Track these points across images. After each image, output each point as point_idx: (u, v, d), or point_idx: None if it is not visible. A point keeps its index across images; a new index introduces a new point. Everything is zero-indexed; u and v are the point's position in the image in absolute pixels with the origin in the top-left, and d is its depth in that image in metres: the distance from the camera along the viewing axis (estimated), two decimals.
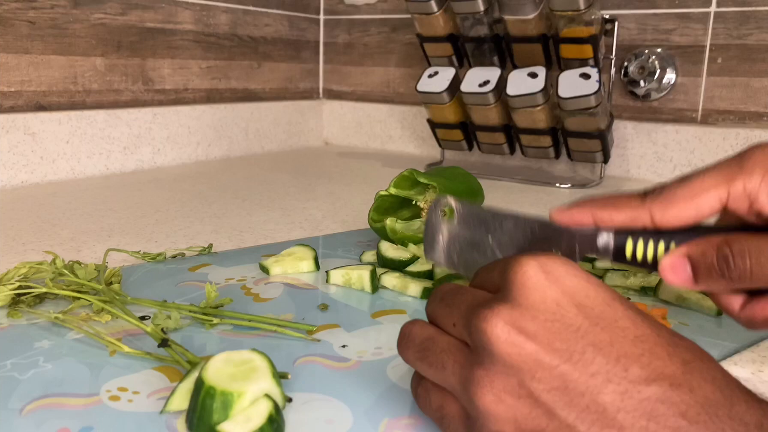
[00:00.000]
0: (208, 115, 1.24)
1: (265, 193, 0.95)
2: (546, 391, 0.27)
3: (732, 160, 0.34)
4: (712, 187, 0.33)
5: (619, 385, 0.26)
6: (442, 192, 0.65)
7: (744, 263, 0.32)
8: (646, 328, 0.28)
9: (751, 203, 0.33)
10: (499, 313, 0.28)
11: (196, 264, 0.60)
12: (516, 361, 0.27)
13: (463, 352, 0.30)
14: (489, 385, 0.28)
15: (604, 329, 0.27)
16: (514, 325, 0.28)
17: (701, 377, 0.26)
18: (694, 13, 1.09)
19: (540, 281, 0.29)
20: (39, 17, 0.97)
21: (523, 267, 0.29)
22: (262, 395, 0.33)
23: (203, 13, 1.22)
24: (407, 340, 0.33)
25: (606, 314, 0.28)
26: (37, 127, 0.97)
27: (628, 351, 0.27)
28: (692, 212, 0.34)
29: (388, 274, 0.56)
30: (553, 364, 0.27)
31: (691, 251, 0.33)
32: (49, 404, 0.35)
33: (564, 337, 0.27)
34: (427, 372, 0.31)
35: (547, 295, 0.28)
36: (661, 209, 0.34)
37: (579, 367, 0.27)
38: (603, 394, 0.26)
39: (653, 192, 0.35)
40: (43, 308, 0.48)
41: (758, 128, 1.06)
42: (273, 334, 0.45)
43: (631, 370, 0.26)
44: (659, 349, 0.27)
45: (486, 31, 1.10)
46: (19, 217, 0.77)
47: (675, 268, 0.34)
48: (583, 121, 1.03)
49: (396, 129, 1.44)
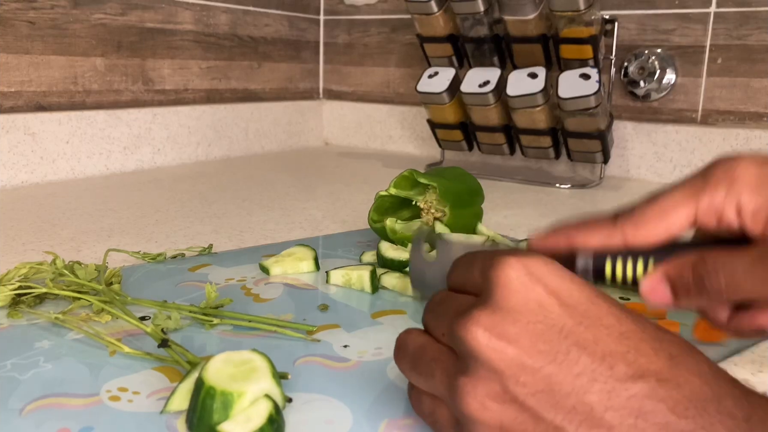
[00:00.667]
0: (208, 115, 1.24)
1: (265, 193, 0.95)
2: (531, 395, 0.27)
3: (696, 177, 0.34)
4: (679, 204, 0.33)
5: (605, 383, 0.26)
6: (443, 193, 0.65)
7: (718, 281, 0.32)
8: (631, 324, 0.28)
9: (719, 218, 0.33)
10: (478, 319, 0.28)
11: (196, 264, 0.60)
12: (498, 366, 0.27)
13: (450, 359, 0.30)
14: (473, 392, 0.28)
15: (588, 328, 0.27)
16: (494, 331, 0.28)
17: (688, 371, 0.26)
18: (694, 14, 1.09)
19: (523, 282, 0.29)
20: (39, 17, 0.97)
21: (505, 268, 0.29)
22: (262, 395, 0.33)
23: (203, 13, 1.22)
24: (401, 350, 0.33)
25: (590, 312, 0.28)
26: (37, 127, 0.97)
27: (613, 349, 0.27)
28: (663, 230, 0.34)
29: (388, 275, 0.56)
30: (537, 366, 0.27)
31: (669, 272, 0.34)
32: (49, 404, 0.35)
33: (547, 338, 0.27)
34: (418, 381, 0.32)
35: (530, 296, 0.28)
36: (633, 229, 0.34)
37: (564, 368, 0.26)
38: (589, 394, 0.26)
39: (624, 212, 0.35)
40: (43, 308, 0.48)
41: (758, 128, 1.06)
42: (273, 335, 0.45)
43: (616, 368, 0.26)
44: (644, 345, 0.27)
45: (486, 31, 1.10)
46: (19, 217, 0.77)
47: (655, 291, 0.34)
48: (583, 121, 1.04)
49: (396, 129, 1.44)
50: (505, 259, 0.29)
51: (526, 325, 0.28)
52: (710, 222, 0.33)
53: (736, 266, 0.31)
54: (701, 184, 0.33)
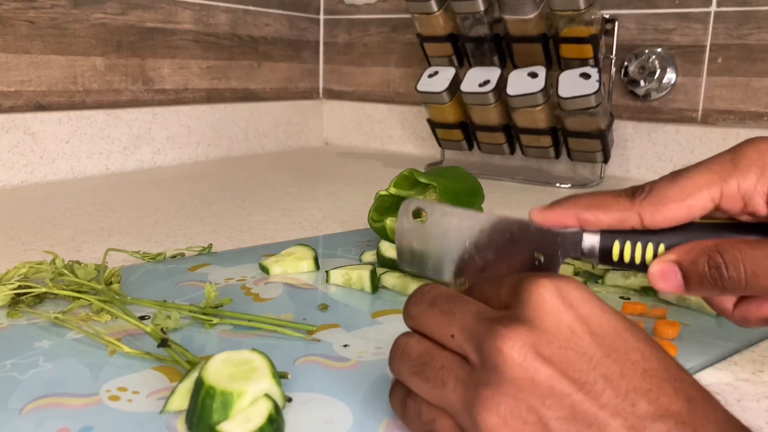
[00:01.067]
0: (208, 115, 1.24)
1: (265, 193, 0.95)
2: (555, 419, 0.26)
3: (725, 158, 0.33)
4: (704, 186, 0.32)
5: (626, 419, 0.26)
6: (443, 193, 0.65)
7: (738, 274, 0.31)
8: (655, 361, 0.27)
9: (746, 204, 0.32)
10: (517, 333, 0.27)
11: (196, 264, 0.60)
12: (528, 385, 0.27)
13: (464, 368, 0.29)
14: (495, 407, 0.27)
15: (616, 361, 0.27)
16: (531, 349, 0.27)
17: (705, 417, 0.26)
18: (694, 13, 1.09)
19: (556, 305, 0.28)
20: (39, 17, 0.97)
21: (539, 288, 0.28)
22: (261, 395, 0.33)
23: (203, 12, 1.22)
24: (402, 354, 0.32)
25: (618, 345, 0.28)
26: (37, 127, 0.97)
27: (637, 385, 0.26)
28: (683, 213, 0.32)
29: (388, 274, 0.56)
30: (566, 392, 0.26)
31: (682, 258, 0.32)
32: (49, 404, 0.35)
33: (577, 366, 0.27)
34: (423, 388, 0.30)
35: (563, 320, 0.28)
36: (651, 211, 0.33)
37: (589, 398, 0.26)
38: (610, 428, 0.26)
39: (642, 191, 0.33)
40: (43, 308, 0.48)
41: (758, 128, 1.06)
42: (273, 334, 0.45)
43: (638, 405, 0.26)
44: (666, 385, 0.27)
45: (486, 30, 1.10)
46: (19, 217, 0.77)
47: (665, 275, 0.33)
48: (583, 121, 1.03)
49: (396, 129, 1.44)
50: (539, 279, 0.29)
51: (558, 349, 0.27)
52: (735, 207, 0.32)
53: (759, 260, 0.30)
54: (731, 167, 0.32)
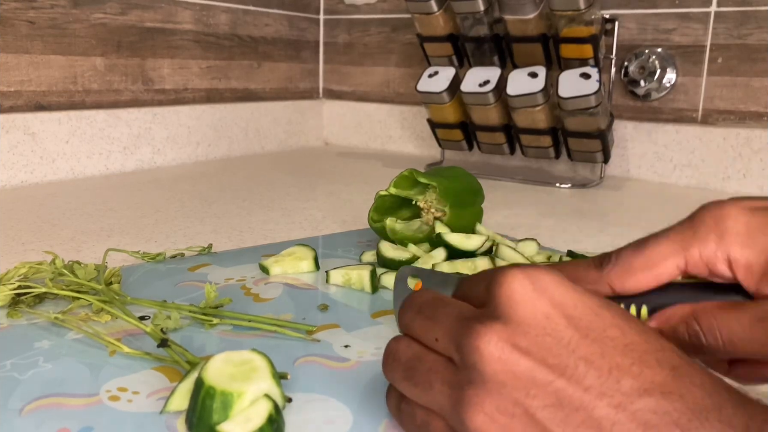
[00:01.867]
0: (208, 115, 1.24)
1: (265, 193, 0.95)
2: (541, 408, 0.26)
3: (685, 226, 0.33)
4: (668, 256, 0.33)
5: (612, 398, 0.26)
6: (443, 193, 0.65)
7: (716, 341, 0.31)
8: (635, 335, 0.28)
9: (710, 270, 0.32)
10: (492, 328, 0.28)
11: (196, 264, 0.60)
12: (509, 378, 0.27)
13: (449, 370, 0.29)
14: (480, 405, 0.27)
15: (595, 341, 0.27)
16: (506, 342, 0.27)
17: (690, 382, 0.26)
18: (694, 13, 1.09)
19: (528, 294, 0.28)
20: (39, 17, 0.97)
21: (509, 279, 0.29)
22: (261, 395, 0.33)
23: (203, 12, 1.22)
24: (393, 360, 0.32)
25: (595, 324, 0.28)
26: (37, 127, 0.97)
27: (619, 362, 0.27)
28: (651, 281, 0.33)
29: (388, 274, 0.56)
30: (548, 379, 0.27)
31: (662, 326, 0.33)
32: (48, 404, 0.35)
33: (556, 352, 0.27)
34: (413, 392, 0.31)
35: (537, 307, 0.28)
36: (620, 280, 0.33)
37: (572, 383, 0.26)
38: (598, 409, 0.26)
39: (609, 261, 0.34)
40: (43, 308, 0.48)
41: (758, 128, 1.06)
42: (273, 334, 0.45)
43: (623, 382, 0.26)
44: (648, 357, 0.27)
45: (486, 30, 1.10)
46: (19, 217, 0.77)
47: None
48: (583, 121, 1.03)
49: (396, 129, 1.44)
50: (509, 271, 0.29)
51: (535, 338, 0.27)
52: (701, 272, 0.33)
53: (734, 327, 0.31)
54: (690, 235, 0.33)
